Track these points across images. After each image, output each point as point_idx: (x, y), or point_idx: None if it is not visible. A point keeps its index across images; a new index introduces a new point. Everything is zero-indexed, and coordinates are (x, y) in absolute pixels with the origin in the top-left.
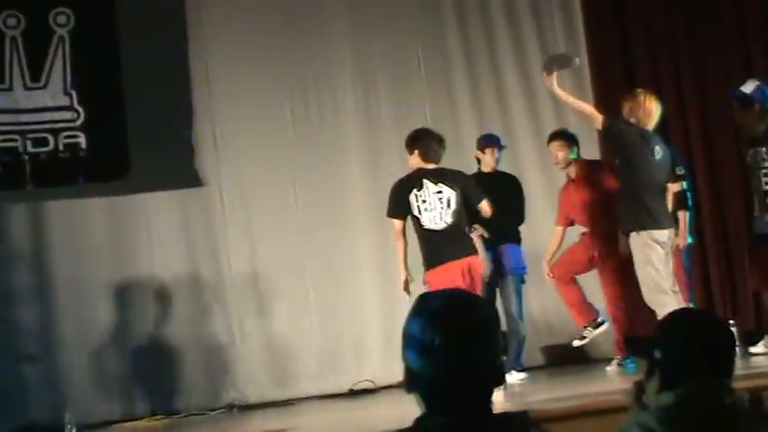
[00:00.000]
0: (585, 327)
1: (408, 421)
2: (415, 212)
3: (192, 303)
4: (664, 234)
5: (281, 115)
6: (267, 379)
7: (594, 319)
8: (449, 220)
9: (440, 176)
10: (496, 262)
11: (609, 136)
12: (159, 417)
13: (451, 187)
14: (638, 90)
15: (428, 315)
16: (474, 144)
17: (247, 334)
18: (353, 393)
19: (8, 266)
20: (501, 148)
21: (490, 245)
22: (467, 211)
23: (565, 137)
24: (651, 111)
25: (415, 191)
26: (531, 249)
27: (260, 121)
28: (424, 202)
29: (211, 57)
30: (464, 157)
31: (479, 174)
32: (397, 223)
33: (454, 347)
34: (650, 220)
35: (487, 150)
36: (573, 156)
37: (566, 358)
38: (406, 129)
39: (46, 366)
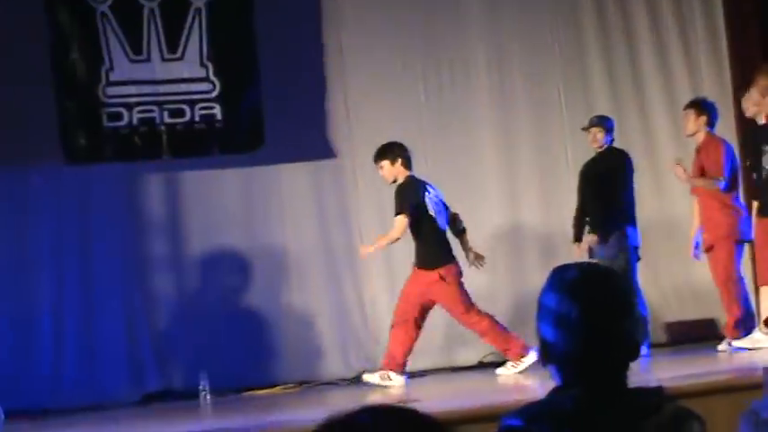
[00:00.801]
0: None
1: (537, 394)
2: (432, 213)
3: (324, 274)
4: None
5: (413, 87)
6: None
7: None
8: (447, 221)
9: (428, 183)
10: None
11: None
12: (291, 385)
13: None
14: None
15: (565, 288)
16: (606, 113)
17: (378, 305)
18: (482, 366)
19: (145, 236)
20: (600, 127)
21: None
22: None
23: (694, 105)
24: None
25: (427, 194)
26: (662, 222)
27: (392, 93)
28: (436, 204)
29: (345, 28)
30: None
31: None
32: (409, 220)
33: (591, 320)
34: None
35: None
36: (703, 125)
37: (690, 335)
38: (540, 107)
39: (181, 334)
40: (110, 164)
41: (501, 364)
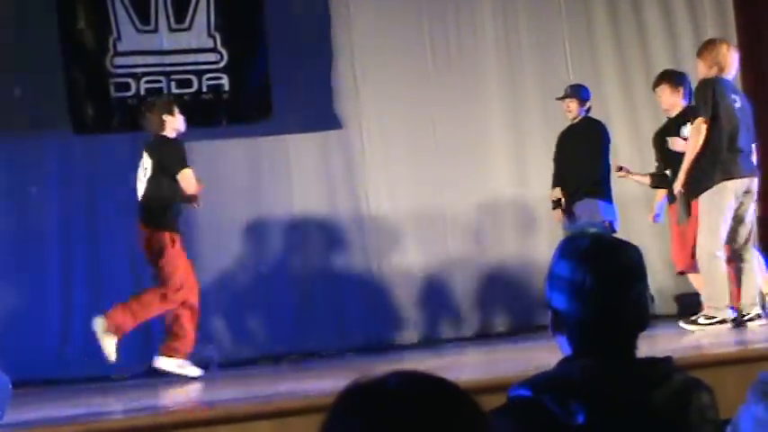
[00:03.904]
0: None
1: (542, 366)
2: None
3: (332, 243)
4: None
5: (420, 54)
6: (409, 318)
7: None
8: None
9: None
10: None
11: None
12: (294, 355)
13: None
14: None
15: (578, 256)
16: (612, 76)
17: (386, 274)
18: (490, 335)
19: None
20: (574, 98)
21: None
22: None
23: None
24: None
25: None
26: None
27: (400, 60)
28: None
29: None
30: (602, 88)
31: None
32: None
33: (605, 289)
34: None
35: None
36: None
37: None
38: (546, 64)
39: None
40: (117, 134)
41: (508, 334)
